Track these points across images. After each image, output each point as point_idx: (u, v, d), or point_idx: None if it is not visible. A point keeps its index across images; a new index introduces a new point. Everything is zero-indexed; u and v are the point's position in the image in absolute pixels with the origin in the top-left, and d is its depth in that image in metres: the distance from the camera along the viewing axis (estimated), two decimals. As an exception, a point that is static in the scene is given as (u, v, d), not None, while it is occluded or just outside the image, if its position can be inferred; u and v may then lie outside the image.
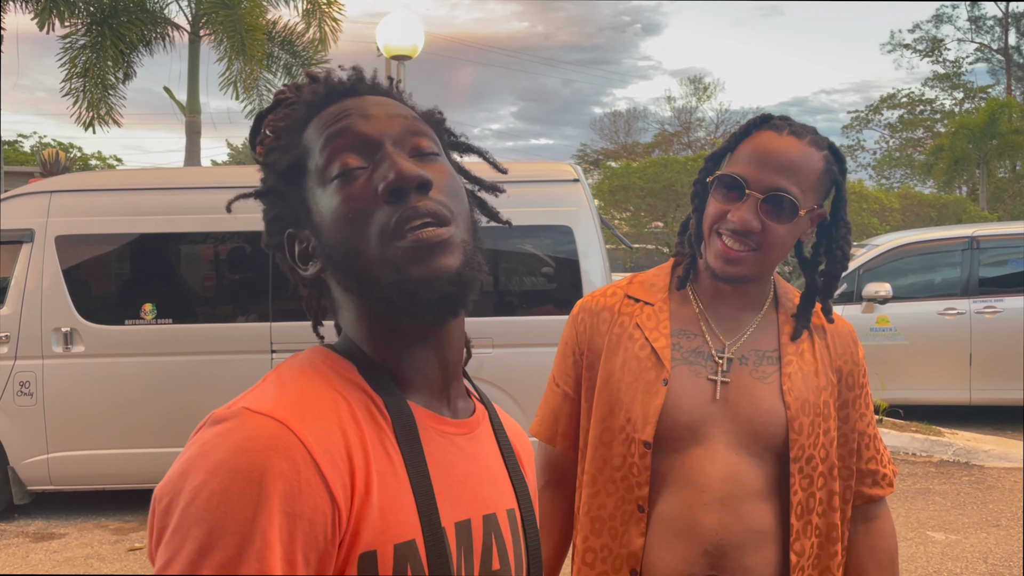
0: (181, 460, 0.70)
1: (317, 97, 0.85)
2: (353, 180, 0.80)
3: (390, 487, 0.74)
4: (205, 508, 0.65)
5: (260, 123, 0.90)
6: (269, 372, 0.80)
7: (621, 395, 1.43)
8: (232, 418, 0.70)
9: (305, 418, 0.71)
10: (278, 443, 0.68)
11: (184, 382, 5.25)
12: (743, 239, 1.37)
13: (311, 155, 0.83)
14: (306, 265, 0.86)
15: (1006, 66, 35.54)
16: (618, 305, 1.51)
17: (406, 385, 0.84)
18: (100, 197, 5.43)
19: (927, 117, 34.93)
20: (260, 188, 0.87)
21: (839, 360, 1.49)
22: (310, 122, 0.85)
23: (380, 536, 0.72)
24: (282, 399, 0.73)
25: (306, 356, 0.82)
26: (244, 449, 0.67)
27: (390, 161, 0.80)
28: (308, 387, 0.76)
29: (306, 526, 0.67)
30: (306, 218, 0.84)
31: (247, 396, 0.74)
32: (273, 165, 0.85)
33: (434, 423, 0.83)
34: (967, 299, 7.60)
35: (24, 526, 5.30)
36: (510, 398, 5.18)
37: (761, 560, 1.37)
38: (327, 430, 0.72)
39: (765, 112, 1.45)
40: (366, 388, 0.79)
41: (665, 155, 26.71)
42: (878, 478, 1.51)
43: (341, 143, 0.82)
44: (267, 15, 13.53)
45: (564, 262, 5.43)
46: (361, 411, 0.77)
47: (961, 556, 4.63)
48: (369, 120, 0.83)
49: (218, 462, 0.67)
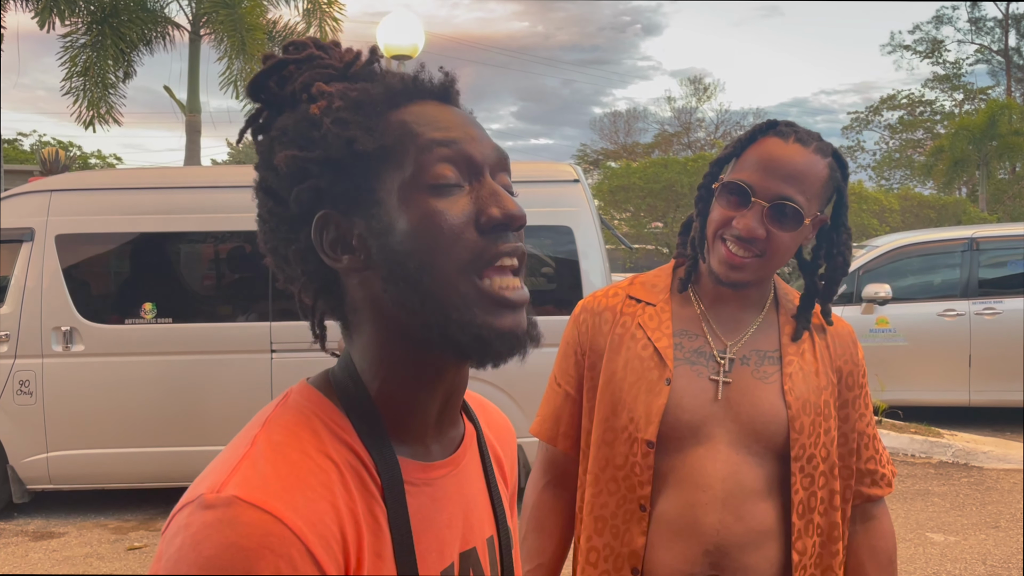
0: (172, 546, 0.67)
1: (404, 86, 0.80)
2: (447, 195, 0.76)
3: (378, 556, 0.74)
4: None
5: (280, 68, 0.81)
6: (258, 428, 0.75)
7: (624, 395, 1.43)
8: (222, 507, 0.67)
9: (298, 503, 0.68)
10: (272, 540, 0.66)
11: (184, 382, 5.25)
12: (747, 246, 1.37)
13: (402, 150, 0.77)
14: (339, 255, 0.78)
15: (1006, 67, 35.57)
16: (620, 306, 1.51)
17: (400, 426, 0.80)
18: (100, 196, 5.43)
19: (927, 118, 34.96)
20: (313, 154, 0.77)
21: (839, 360, 1.49)
22: (392, 110, 0.78)
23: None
24: (274, 479, 0.69)
25: (296, 405, 0.78)
26: (237, 547, 0.65)
27: (498, 195, 0.77)
28: (300, 456, 0.72)
29: None
30: (367, 209, 0.77)
31: (236, 472, 0.70)
32: (352, 141, 0.76)
33: (422, 473, 0.80)
34: (966, 300, 7.61)
35: (23, 525, 5.30)
36: (509, 398, 5.18)
37: (762, 559, 1.37)
38: (320, 511, 0.70)
39: (765, 114, 1.46)
40: (356, 448, 0.76)
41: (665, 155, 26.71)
42: (877, 478, 1.52)
43: (445, 153, 0.76)
44: (267, 14, 13.56)
45: (564, 262, 5.43)
46: (351, 476, 0.74)
47: (960, 557, 4.63)
48: (474, 141, 0.79)
49: (209, 559, 0.64)
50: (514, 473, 1.02)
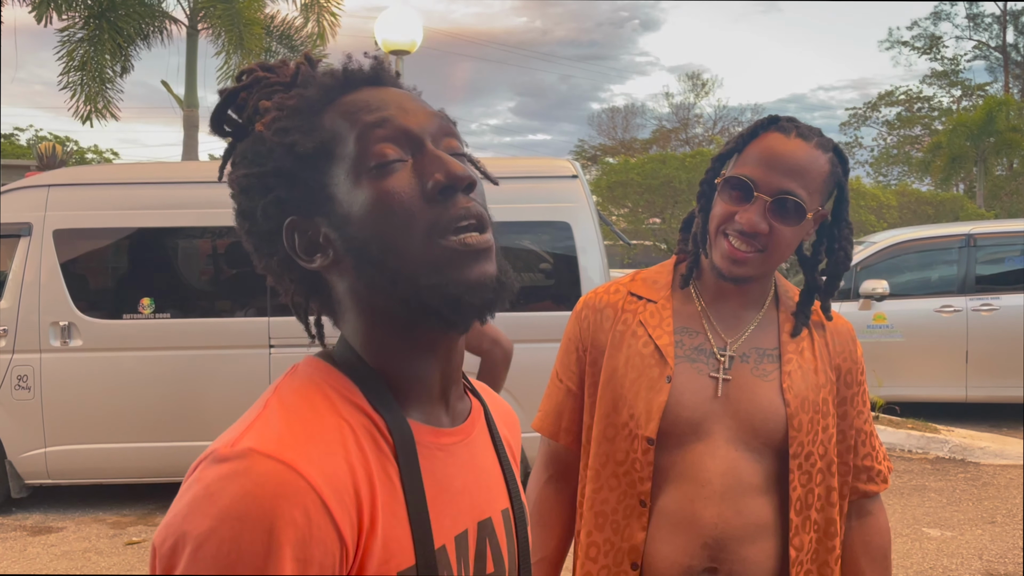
0: (185, 499, 0.67)
1: (336, 81, 0.81)
2: (391, 172, 0.77)
3: (393, 515, 0.74)
4: (215, 556, 0.64)
5: (233, 99, 0.83)
6: (270, 393, 0.77)
7: (624, 391, 1.44)
8: (237, 459, 0.67)
9: (313, 457, 0.69)
10: (288, 489, 0.66)
11: (182, 377, 5.25)
12: (750, 240, 1.38)
13: (341, 141, 0.78)
14: (311, 257, 0.80)
15: (1004, 64, 35.57)
16: (621, 302, 1.52)
17: (406, 396, 0.82)
18: (98, 191, 5.43)
19: (925, 114, 34.95)
20: (266, 168, 0.79)
21: (838, 358, 1.50)
22: (327, 106, 0.80)
23: (384, 565, 0.72)
24: (288, 435, 0.70)
25: (305, 374, 0.79)
26: (253, 496, 0.65)
27: (439, 159, 0.78)
28: (313, 416, 0.73)
29: (316, 570, 0.67)
30: (324, 207, 0.78)
31: (251, 429, 0.70)
32: (293, 146, 0.78)
33: (433, 438, 0.81)
34: (964, 296, 7.62)
35: (22, 520, 5.31)
36: (508, 393, 5.18)
37: (759, 553, 1.38)
38: (335, 467, 0.70)
39: (763, 110, 1.46)
40: (367, 409, 0.77)
41: (663, 151, 26.70)
42: (873, 474, 1.53)
43: (381, 133, 0.77)
44: (265, 9, 13.52)
45: (562, 258, 5.44)
46: (364, 436, 0.75)
47: (956, 553, 4.65)
48: (408, 114, 0.80)
49: (226, 508, 0.64)
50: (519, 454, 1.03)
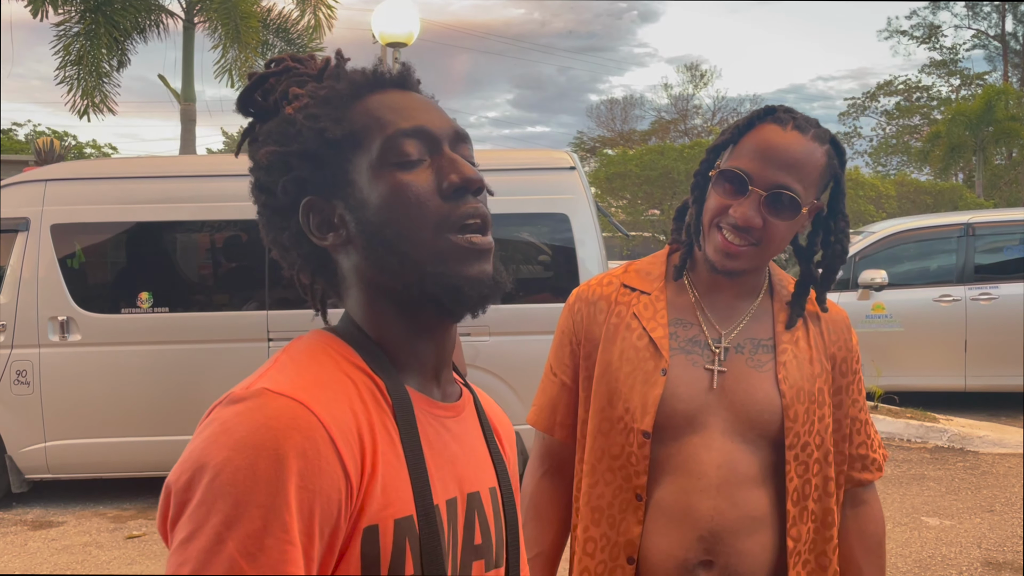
0: (201, 437, 0.72)
1: (365, 79, 0.88)
2: (411, 168, 0.84)
3: (391, 466, 0.78)
4: (231, 483, 0.68)
5: (262, 83, 0.90)
6: (278, 353, 0.83)
7: (619, 385, 1.43)
8: (252, 398, 0.72)
9: (321, 399, 0.74)
10: (299, 423, 0.71)
11: (181, 370, 5.25)
12: (744, 234, 1.36)
13: (368, 134, 0.85)
14: (324, 235, 0.87)
15: (1003, 53, 35.49)
16: (614, 294, 1.51)
17: (403, 369, 0.88)
18: (96, 185, 5.42)
19: (924, 104, 34.88)
20: (291, 148, 0.86)
21: (833, 347, 1.49)
22: (356, 101, 0.87)
23: (382, 511, 0.76)
24: (299, 380, 0.76)
25: (312, 339, 0.85)
26: (267, 427, 0.70)
27: (455, 161, 0.86)
28: (321, 369, 0.79)
29: (324, 501, 0.71)
30: (343, 190, 0.85)
31: (263, 376, 0.76)
32: (323, 131, 0.85)
33: (428, 406, 0.87)
34: (963, 286, 7.62)
35: (22, 514, 5.31)
36: (507, 386, 5.19)
37: (755, 545, 1.38)
38: (341, 411, 0.75)
39: (762, 101, 1.46)
40: (368, 372, 0.83)
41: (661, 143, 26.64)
42: (868, 463, 1.52)
43: (406, 131, 0.85)
44: (261, 2, 13.46)
45: (560, 250, 5.43)
46: (366, 393, 0.81)
47: (955, 541, 4.66)
48: (431, 118, 0.88)
49: (241, 439, 0.69)
50: (514, 451, 1.07)
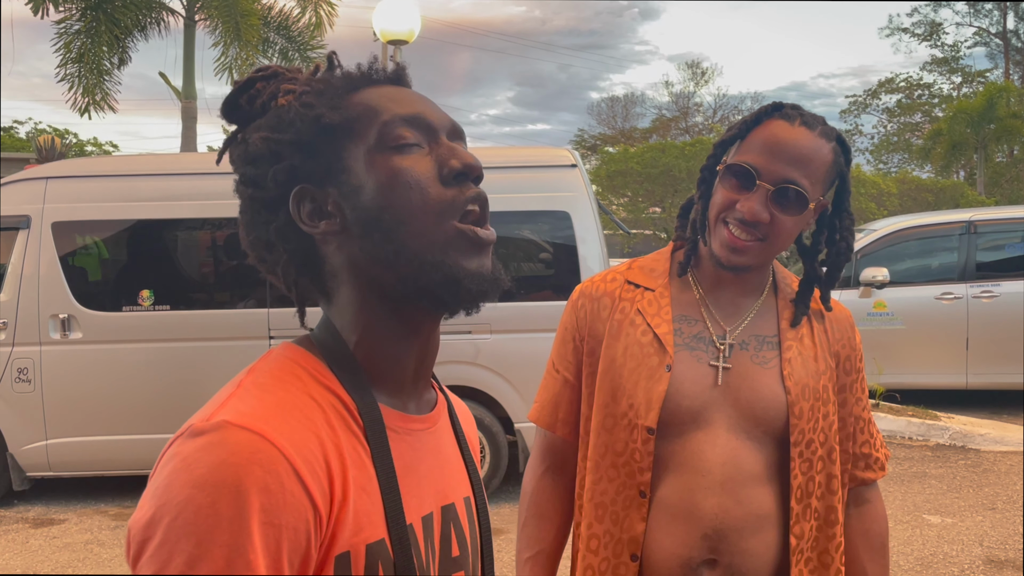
0: (162, 473, 0.70)
1: (361, 73, 0.88)
2: (410, 153, 0.83)
3: (363, 490, 0.77)
4: (193, 522, 0.66)
5: (250, 87, 0.88)
6: (243, 374, 0.80)
7: (623, 381, 1.43)
8: (212, 431, 0.70)
9: (283, 429, 0.72)
10: (260, 456, 0.69)
11: (182, 368, 5.25)
12: (750, 229, 1.36)
13: (364, 120, 0.84)
14: (316, 223, 0.84)
15: (1004, 50, 35.44)
16: (618, 291, 1.50)
17: (380, 380, 0.85)
18: (97, 183, 5.42)
19: (925, 101, 34.83)
20: (284, 136, 0.84)
21: (837, 345, 1.49)
22: (352, 92, 0.86)
23: (353, 537, 0.75)
24: (261, 409, 0.73)
25: (280, 356, 0.82)
26: (228, 464, 0.68)
27: (454, 148, 0.84)
28: (285, 394, 0.77)
29: (291, 534, 0.69)
30: (337, 177, 0.83)
31: (225, 405, 0.73)
32: (319, 118, 0.83)
33: (402, 423, 0.85)
34: (964, 284, 7.62)
35: (23, 512, 5.32)
36: (508, 384, 5.19)
37: (760, 543, 1.38)
38: (305, 439, 0.73)
39: (763, 98, 1.45)
40: (338, 391, 0.81)
41: (663, 140, 26.65)
42: (871, 461, 1.52)
43: (404, 118, 0.84)
44: (262, 0, 13.45)
45: (562, 247, 5.43)
46: (334, 417, 0.78)
47: (957, 539, 4.66)
48: (428, 107, 0.87)
49: (202, 477, 0.67)
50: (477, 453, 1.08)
